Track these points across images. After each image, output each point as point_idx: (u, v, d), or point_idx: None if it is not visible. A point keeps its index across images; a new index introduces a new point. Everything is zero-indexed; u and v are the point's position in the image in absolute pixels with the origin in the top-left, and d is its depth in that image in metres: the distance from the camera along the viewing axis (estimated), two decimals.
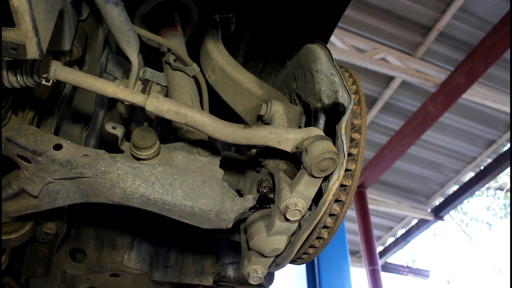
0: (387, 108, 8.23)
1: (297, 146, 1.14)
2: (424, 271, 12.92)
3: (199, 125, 1.15)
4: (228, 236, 1.58)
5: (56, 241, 1.84)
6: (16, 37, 0.85)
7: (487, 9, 6.39)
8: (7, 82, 1.05)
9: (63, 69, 1.12)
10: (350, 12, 6.59)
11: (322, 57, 1.35)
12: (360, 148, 1.21)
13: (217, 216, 1.21)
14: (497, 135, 8.76)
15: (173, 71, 1.68)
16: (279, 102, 1.46)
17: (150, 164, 1.23)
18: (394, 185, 10.43)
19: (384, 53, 7.05)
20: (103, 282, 2.05)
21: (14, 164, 1.21)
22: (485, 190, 14.52)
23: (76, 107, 1.62)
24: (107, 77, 1.73)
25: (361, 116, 1.25)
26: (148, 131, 1.24)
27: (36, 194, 1.19)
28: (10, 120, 1.18)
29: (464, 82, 6.56)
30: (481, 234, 18.62)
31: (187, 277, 2.12)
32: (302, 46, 1.52)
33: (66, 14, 1.19)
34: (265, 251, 1.25)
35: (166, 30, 1.81)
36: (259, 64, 2.28)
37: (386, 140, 8.56)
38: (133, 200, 1.18)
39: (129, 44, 1.30)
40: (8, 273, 1.90)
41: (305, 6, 1.99)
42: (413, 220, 11.49)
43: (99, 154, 1.19)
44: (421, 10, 6.56)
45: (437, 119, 7.29)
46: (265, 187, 1.34)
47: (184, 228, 2.16)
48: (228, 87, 1.68)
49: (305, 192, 1.15)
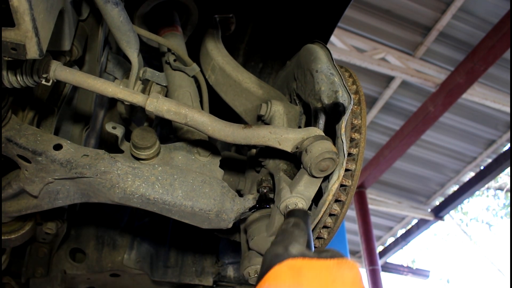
0: (387, 108, 8.23)
1: (297, 146, 1.14)
2: (424, 271, 12.91)
3: (199, 125, 1.15)
4: (228, 236, 1.58)
5: (56, 241, 1.84)
6: (16, 37, 0.85)
7: (487, 9, 6.38)
8: (7, 82, 1.05)
9: (63, 69, 1.12)
10: (350, 12, 6.59)
11: (322, 57, 1.35)
12: (360, 148, 1.21)
13: (217, 216, 1.21)
14: (497, 135, 8.75)
15: (173, 71, 1.68)
16: (279, 102, 1.46)
17: (150, 164, 1.23)
18: (394, 185, 10.43)
19: (384, 53, 7.04)
20: (103, 282, 2.05)
21: (14, 164, 1.21)
22: (485, 190, 14.52)
23: (76, 107, 1.62)
24: (107, 77, 1.73)
25: (361, 116, 1.25)
26: (148, 131, 1.24)
27: (36, 194, 1.19)
28: (10, 120, 1.18)
29: (464, 82, 6.56)
30: (481, 234, 18.61)
31: (187, 277, 2.12)
32: (302, 46, 1.52)
33: (66, 14, 1.19)
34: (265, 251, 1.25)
35: (166, 30, 1.81)
36: (259, 64, 2.28)
37: (386, 140, 8.56)
38: (133, 200, 1.18)
39: (129, 44, 1.30)
40: (8, 273, 1.90)
41: (305, 6, 1.99)
42: (413, 220, 11.49)
43: (99, 154, 1.19)
44: (421, 10, 6.56)
45: (437, 119, 7.29)
46: (265, 187, 1.34)
47: (184, 228, 2.16)
48: (228, 87, 1.68)
49: (305, 192, 1.15)
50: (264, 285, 0.76)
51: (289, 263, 0.78)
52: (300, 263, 0.78)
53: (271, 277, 0.76)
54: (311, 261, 0.78)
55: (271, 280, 0.76)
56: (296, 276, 0.75)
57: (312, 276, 0.75)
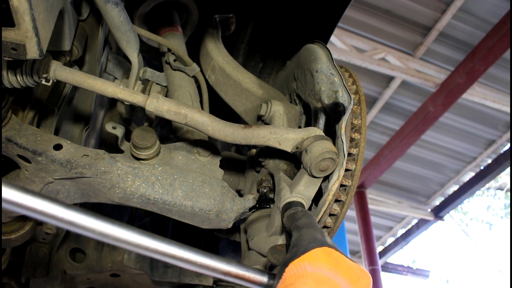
0: (387, 108, 8.23)
1: (297, 146, 1.14)
2: (424, 271, 12.91)
3: (199, 125, 1.15)
4: (228, 236, 1.58)
5: (56, 241, 1.84)
6: (16, 37, 0.85)
7: (487, 9, 6.39)
8: (7, 82, 1.05)
9: (63, 69, 1.12)
10: (350, 12, 6.59)
11: (322, 57, 1.35)
12: (360, 148, 1.21)
13: (217, 216, 1.21)
14: (497, 135, 8.75)
15: (173, 71, 1.68)
16: (279, 102, 1.46)
17: (150, 164, 1.23)
18: (394, 185, 10.43)
19: (384, 53, 7.04)
20: (103, 282, 2.05)
21: (14, 164, 1.21)
22: (485, 190, 14.52)
23: (76, 107, 1.62)
24: (107, 77, 1.73)
25: (361, 116, 1.25)
26: (148, 131, 1.24)
27: None
28: (10, 120, 1.18)
29: (464, 82, 6.56)
30: (481, 234, 18.61)
31: (187, 277, 2.12)
32: (302, 46, 1.52)
33: (66, 14, 1.19)
34: (265, 251, 1.25)
35: (166, 30, 1.81)
36: (259, 64, 2.28)
37: (386, 140, 8.56)
38: (133, 200, 1.18)
39: (129, 44, 1.30)
40: (8, 273, 1.90)
41: (305, 6, 1.99)
42: (413, 220, 11.49)
43: (99, 154, 1.19)
44: (421, 10, 6.56)
45: (437, 119, 7.29)
46: (265, 187, 1.34)
47: (184, 228, 2.16)
48: (228, 87, 1.68)
49: (305, 192, 1.15)
50: (302, 263, 0.77)
51: (328, 250, 0.80)
52: (336, 253, 0.80)
53: (311, 257, 0.78)
54: (344, 256, 0.82)
55: (311, 260, 0.77)
56: (335, 262, 0.78)
57: (345, 267, 0.78)
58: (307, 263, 0.77)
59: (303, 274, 0.76)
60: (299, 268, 0.77)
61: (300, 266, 0.77)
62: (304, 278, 0.75)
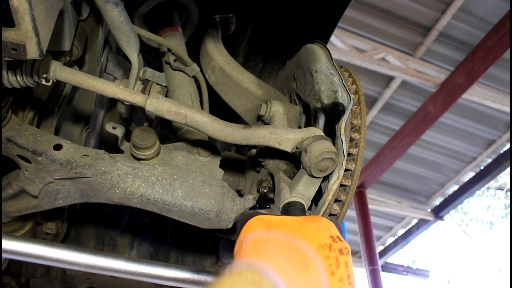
0: (387, 108, 8.23)
1: (297, 146, 1.14)
2: (424, 271, 12.90)
3: (199, 125, 1.15)
4: (228, 236, 1.58)
5: (56, 241, 1.84)
6: (16, 37, 0.86)
7: (487, 9, 6.38)
8: (7, 82, 1.05)
9: (63, 69, 1.12)
10: (350, 12, 6.58)
11: (322, 57, 1.35)
12: (360, 148, 1.21)
13: (217, 216, 1.21)
14: (497, 135, 8.75)
15: (173, 71, 1.68)
16: (279, 102, 1.46)
17: (150, 164, 1.23)
18: (394, 185, 10.42)
19: (384, 53, 7.04)
20: (103, 282, 2.05)
21: (14, 164, 1.21)
22: (485, 190, 14.52)
23: (76, 107, 1.62)
24: (107, 77, 1.73)
25: (361, 116, 1.25)
26: (148, 131, 1.24)
27: (36, 194, 1.19)
28: (10, 120, 1.18)
29: (464, 82, 6.56)
30: (481, 234, 18.61)
31: None
32: (302, 46, 1.52)
33: (66, 14, 1.19)
34: None
35: (166, 30, 1.81)
36: (259, 64, 2.28)
37: (386, 140, 8.55)
38: (133, 200, 1.18)
39: (129, 44, 1.30)
40: (8, 273, 1.90)
41: (305, 6, 1.99)
42: (413, 220, 11.48)
43: (99, 154, 1.19)
44: (421, 10, 6.56)
45: (437, 119, 7.28)
46: (265, 187, 1.34)
47: (184, 228, 2.16)
48: (228, 87, 1.68)
49: (304, 192, 1.15)
50: (242, 236, 0.91)
51: (259, 217, 0.93)
52: (268, 217, 0.93)
53: (246, 229, 0.91)
54: (278, 216, 0.94)
55: (246, 230, 0.90)
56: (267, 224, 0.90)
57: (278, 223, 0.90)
58: (244, 235, 0.90)
59: (244, 243, 0.87)
60: (240, 242, 0.90)
61: (241, 240, 0.90)
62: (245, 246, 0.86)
